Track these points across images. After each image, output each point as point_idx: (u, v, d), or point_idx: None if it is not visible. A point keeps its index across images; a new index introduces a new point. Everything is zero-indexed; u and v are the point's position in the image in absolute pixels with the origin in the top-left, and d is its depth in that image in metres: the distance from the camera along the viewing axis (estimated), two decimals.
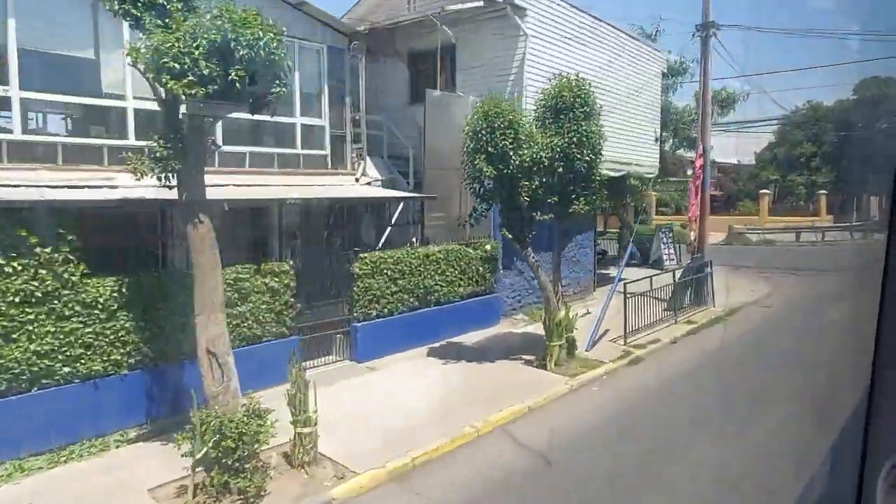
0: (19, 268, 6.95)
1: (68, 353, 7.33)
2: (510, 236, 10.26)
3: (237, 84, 6.20)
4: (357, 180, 13.20)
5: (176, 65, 6.03)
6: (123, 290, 7.75)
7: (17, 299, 6.91)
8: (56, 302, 7.22)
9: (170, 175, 6.62)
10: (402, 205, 13.30)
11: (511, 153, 9.56)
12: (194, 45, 6.09)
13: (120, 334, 7.74)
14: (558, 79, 10.38)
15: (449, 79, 14.44)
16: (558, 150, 9.92)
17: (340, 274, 10.99)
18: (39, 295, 7.07)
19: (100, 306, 7.54)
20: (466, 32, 13.88)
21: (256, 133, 11.96)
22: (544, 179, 10.03)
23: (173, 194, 6.94)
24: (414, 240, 13.04)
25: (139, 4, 6.24)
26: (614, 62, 16.24)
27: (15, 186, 7.83)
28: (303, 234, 13.15)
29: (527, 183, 9.84)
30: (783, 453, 6.75)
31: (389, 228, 13.16)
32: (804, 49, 63.27)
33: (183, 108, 6.65)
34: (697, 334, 13.27)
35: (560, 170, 10.04)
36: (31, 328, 7.03)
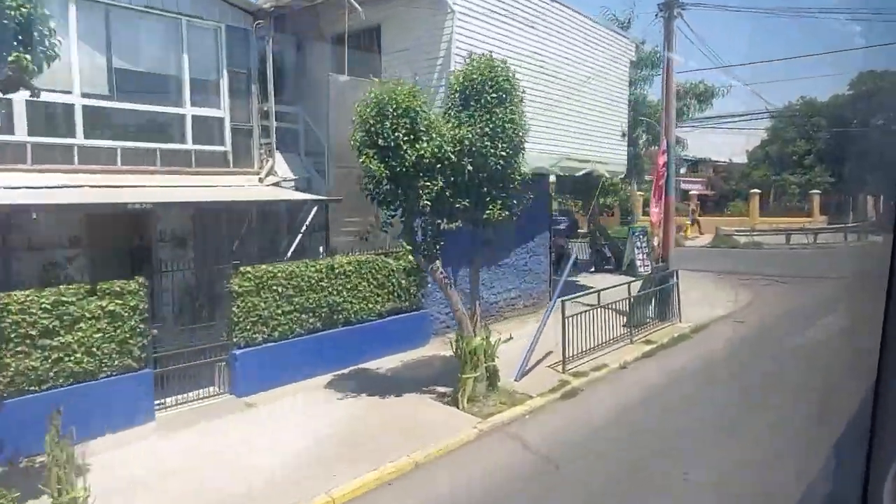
0: None
1: None
2: (409, 248, 8.54)
3: None
4: (261, 180, 11.48)
5: None
6: None
7: None
8: None
9: None
10: (315, 209, 11.59)
11: (406, 147, 7.85)
12: None
13: None
14: (471, 59, 8.65)
15: (377, 64, 12.69)
16: (467, 143, 8.19)
17: (218, 291, 9.29)
18: None
19: None
20: (393, 10, 12.14)
21: (132, 125, 10.26)
22: (451, 179, 8.29)
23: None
24: (321, 249, 11.32)
25: None
26: (570, 48, 14.46)
27: None
28: (197, 244, 11.43)
29: (429, 183, 8.10)
30: None
31: (300, 236, 11.46)
32: (795, 38, 61.24)
33: None
34: (654, 357, 11.51)
35: (470, 167, 8.31)
36: None
